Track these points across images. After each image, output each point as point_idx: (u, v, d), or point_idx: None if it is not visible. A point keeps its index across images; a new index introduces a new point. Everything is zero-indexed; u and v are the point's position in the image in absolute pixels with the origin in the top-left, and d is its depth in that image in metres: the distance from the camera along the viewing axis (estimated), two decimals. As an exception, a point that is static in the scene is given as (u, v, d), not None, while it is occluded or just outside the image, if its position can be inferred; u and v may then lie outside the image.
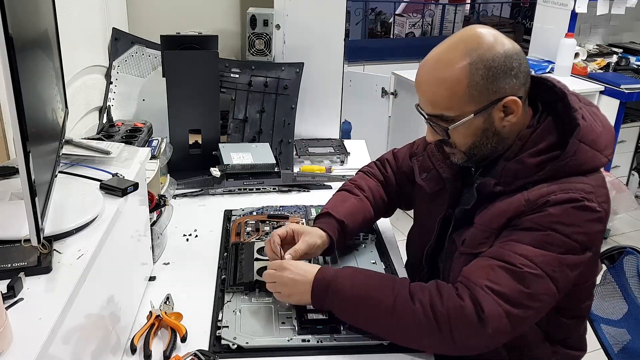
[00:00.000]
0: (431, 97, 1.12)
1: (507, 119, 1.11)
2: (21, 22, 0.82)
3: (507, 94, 1.09)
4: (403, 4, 5.71)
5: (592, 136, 1.10)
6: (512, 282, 1.04)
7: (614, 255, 1.41)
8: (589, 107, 1.16)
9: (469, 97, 1.08)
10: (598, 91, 3.34)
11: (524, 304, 1.04)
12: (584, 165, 1.10)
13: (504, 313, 1.03)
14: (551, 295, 1.06)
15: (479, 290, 1.04)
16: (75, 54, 1.72)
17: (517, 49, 1.10)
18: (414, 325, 1.06)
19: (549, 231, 1.06)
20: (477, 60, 1.06)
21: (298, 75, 2.11)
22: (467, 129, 1.12)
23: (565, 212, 1.06)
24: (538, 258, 1.05)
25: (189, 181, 1.85)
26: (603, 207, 1.09)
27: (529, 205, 1.08)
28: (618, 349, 1.39)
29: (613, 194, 3.17)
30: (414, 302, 1.07)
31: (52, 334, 0.75)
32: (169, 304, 1.24)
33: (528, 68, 1.12)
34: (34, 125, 0.82)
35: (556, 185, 1.08)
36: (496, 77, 1.07)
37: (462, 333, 1.04)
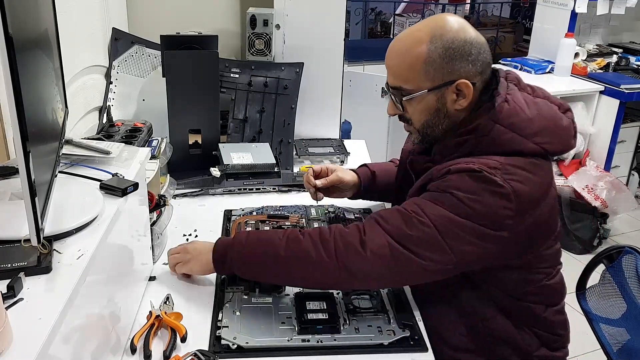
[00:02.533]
0: (393, 69, 1.20)
1: (459, 102, 1.17)
2: (21, 22, 0.82)
3: (462, 77, 1.15)
4: (403, 4, 5.72)
5: (512, 119, 1.14)
6: (398, 221, 1.11)
7: (612, 255, 1.41)
8: (534, 97, 1.19)
9: (425, 73, 1.15)
10: (598, 91, 3.34)
11: (406, 245, 1.09)
12: (500, 147, 1.13)
13: (386, 242, 1.10)
14: (438, 247, 1.09)
15: (369, 220, 1.15)
16: (75, 54, 1.72)
17: (481, 40, 1.17)
18: (304, 257, 1.13)
19: (445, 193, 1.12)
20: (437, 39, 1.14)
21: (298, 75, 2.11)
22: (421, 104, 1.19)
23: (461, 178, 1.11)
24: (428, 209, 1.11)
25: (189, 181, 1.85)
26: (512, 185, 1.09)
27: (436, 173, 1.16)
28: (617, 349, 1.39)
29: (613, 194, 3.17)
30: (303, 235, 1.15)
31: (52, 334, 0.75)
32: (169, 304, 1.24)
33: (489, 60, 1.18)
34: (34, 125, 0.82)
35: (462, 160, 1.14)
36: (453, 59, 1.13)
37: (346, 255, 1.10)
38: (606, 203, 3.18)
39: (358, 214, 1.64)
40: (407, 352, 1.14)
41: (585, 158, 3.38)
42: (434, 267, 1.11)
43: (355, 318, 1.20)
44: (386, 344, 1.14)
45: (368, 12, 5.54)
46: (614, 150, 3.37)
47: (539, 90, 1.23)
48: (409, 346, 1.15)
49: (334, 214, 1.63)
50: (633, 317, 1.34)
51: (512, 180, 1.09)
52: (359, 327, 1.18)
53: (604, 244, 3.23)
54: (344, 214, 1.62)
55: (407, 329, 1.18)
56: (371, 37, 5.69)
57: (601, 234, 3.23)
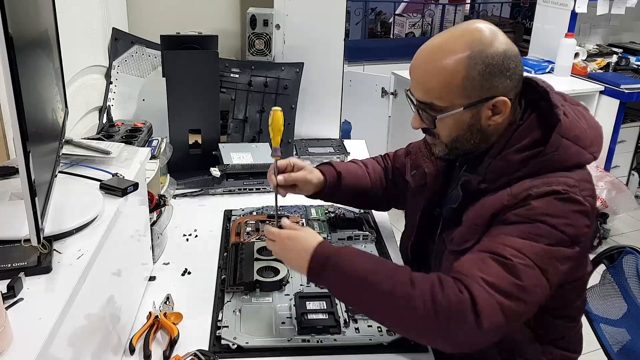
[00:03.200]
0: (425, 84, 1.12)
1: (494, 118, 1.12)
2: (21, 22, 0.82)
3: (499, 94, 1.09)
4: (403, 4, 5.72)
5: (575, 132, 1.10)
6: (504, 274, 1.01)
7: (613, 255, 1.41)
8: (574, 106, 1.17)
9: (463, 90, 1.08)
10: (598, 91, 3.34)
11: (517, 296, 1.01)
12: (567, 161, 1.10)
13: (498, 305, 0.99)
14: (543, 287, 1.04)
15: (473, 283, 1.01)
16: (75, 54, 1.72)
17: (516, 50, 1.11)
18: (411, 311, 1.02)
19: (535, 223, 1.04)
20: (477, 54, 1.06)
21: (298, 75, 2.11)
22: (454, 121, 1.12)
23: (549, 203, 1.05)
24: (527, 249, 1.03)
25: (189, 181, 1.85)
26: (588, 201, 1.07)
27: (512, 199, 1.08)
28: (617, 349, 1.39)
29: (613, 194, 3.17)
30: (414, 288, 1.02)
31: (52, 334, 0.75)
32: (169, 304, 1.24)
33: (522, 72, 1.13)
34: (34, 125, 0.82)
35: (539, 180, 1.08)
36: (492, 75, 1.07)
37: (458, 325, 0.99)
38: (606, 203, 3.18)
39: (358, 213, 1.64)
40: (407, 352, 1.14)
41: (585, 158, 3.38)
42: (535, 307, 1.05)
43: (355, 318, 1.20)
44: (386, 344, 1.14)
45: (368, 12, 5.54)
46: (614, 150, 3.37)
47: (569, 97, 1.19)
48: (409, 346, 1.15)
49: (334, 214, 1.63)
50: (633, 318, 1.34)
51: (588, 196, 1.08)
52: (359, 327, 1.18)
53: (604, 244, 3.23)
54: (344, 214, 1.62)
55: (407, 329, 1.17)
56: (371, 37, 5.69)
57: (601, 234, 3.24)
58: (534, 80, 1.18)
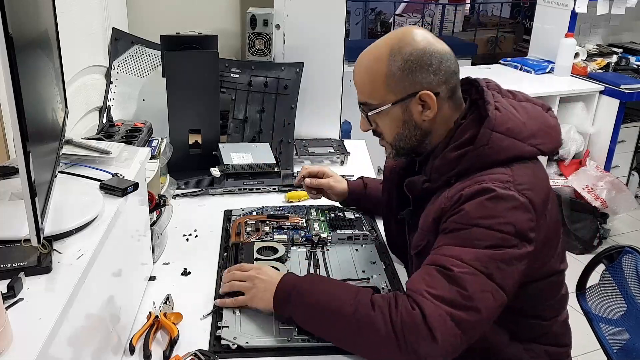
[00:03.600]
0: (358, 85, 1.20)
1: (426, 113, 1.16)
2: (21, 22, 0.82)
3: (424, 88, 1.14)
4: (403, 4, 5.72)
5: (507, 125, 1.12)
6: (448, 285, 1.03)
7: (612, 255, 1.41)
8: (518, 101, 1.19)
9: (387, 86, 1.15)
10: (598, 91, 3.34)
11: (465, 304, 1.01)
12: (501, 154, 1.11)
13: (448, 316, 1.00)
14: (493, 292, 1.03)
15: (421, 297, 1.03)
16: (75, 54, 1.72)
17: (443, 49, 1.15)
18: (373, 333, 1.03)
19: (471, 228, 1.06)
20: (396, 53, 1.13)
21: (298, 75, 2.11)
22: (389, 118, 1.19)
23: (480, 205, 1.06)
24: (467, 256, 1.04)
25: (189, 181, 1.85)
26: (525, 195, 1.07)
27: (448, 202, 1.10)
28: (617, 349, 1.38)
29: (613, 194, 3.17)
30: (374, 310, 1.05)
31: (52, 334, 0.75)
32: (169, 304, 1.24)
33: (453, 69, 1.16)
34: (34, 125, 0.82)
35: (470, 180, 1.10)
36: (412, 71, 1.13)
37: (416, 342, 1.01)
38: (606, 203, 3.18)
39: (358, 213, 1.64)
40: (407, 352, 1.13)
41: (585, 158, 3.39)
42: (492, 313, 1.05)
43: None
44: (386, 344, 1.14)
45: (368, 12, 5.54)
46: (614, 150, 3.37)
47: (519, 94, 1.23)
48: (409, 346, 1.14)
49: (334, 214, 1.63)
50: (633, 317, 1.34)
51: (524, 190, 1.07)
52: (359, 327, 1.18)
53: (604, 244, 3.23)
54: (344, 214, 1.62)
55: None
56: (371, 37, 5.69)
57: (601, 234, 3.24)
58: (476, 80, 1.23)
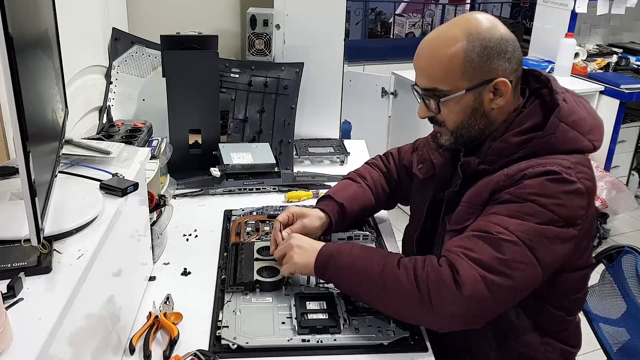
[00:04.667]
0: (427, 70, 1.17)
1: (496, 101, 1.16)
2: (21, 22, 0.82)
3: (499, 76, 1.13)
4: (403, 4, 5.72)
5: (573, 117, 1.14)
6: (487, 248, 1.06)
7: (612, 255, 1.41)
8: (574, 96, 1.21)
9: (463, 72, 1.13)
10: (598, 91, 3.34)
11: (500, 270, 1.04)
12: (565, 145, 1.13)
13: (480, 277, 1.04)
14: (530, 264, 1.06)
15: (455, 256, 1.07)
16: (75, 54, 1.72)
17: (513, 37, 1.15)
18: (397, 289, 1.09)
19: (525, 202, 1.08)
20: (474, 38, 1.12)
21: (298, 75, 2.11)
22: (458, 105, 1.16)
23: (541, 183, 1.08)
24: (514, 226, 1.06)
25: (189, 181, 1.85)
26: (584, 184, 1.10)
27: (508, 179, 1.12)
28: (617, 348, 1.39)
29: (613, 194, 3.17)
30: (399, 267, 1.11)
31: (52, 334, 0.75)
32: (169, 304, 1.24)
33: (521, 57, 1.17)
34: (34, 125, 0.82)
35: (534, 161, 1.11)
36: (490, 57, 1.12)
37: (440, 296, 1.05)
38: (606, 203, 3.18)
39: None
40: (407, 352, 1.14)
41: (585, 158, 3.38)
42: (524, 285, 1.07)
43: (355, 318, 1.20)
44: (386, 344, 1.14)
45: (368, 12, 5.54)
46: (614, 150, 3.38)
47: (571, 91, 1.23)
48: (409, 346, 1.15)
49: None
50: (633, 317, 1.34)
51: (584, 179, 1.10)
52: (359, 327, 1.18)
53: (604, 244, 3.23)
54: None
55: (407, 329, 1.17)
56: (371, 37, 5.70)
57: (601, 234, 3.24)
58: (538, 71, 1.23)
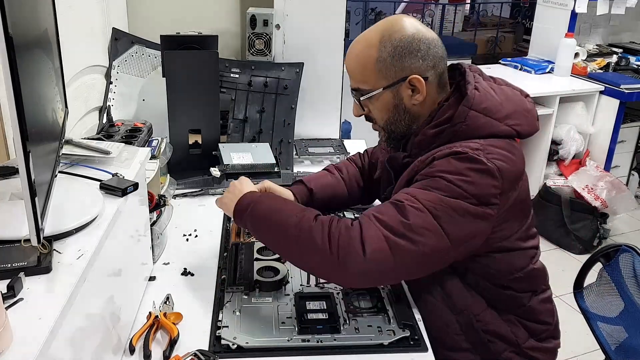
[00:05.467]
0: (350, 71, 1.25)
1: (415, 97, 1.21)
2: (21, 22, 0.82)
3: (413, 73, 1.19)
4: (403, 4, 5.72)
5: (485, 104, 1.18)
6: (393, 212, 1.12)
7: (609, 253, 1.41)
8: (498, 84, 1.25)
9: (378, 72, 1.20)
10: (598, 91, 3.34)
11: (403, 233, 1.09)
12: (477, 131, 1.17)
13: (383, 237, 1.09)
14: (434, 232, 1.10)
15: (365, 218, 1.14)
16: (75, 54, 1.72)
17: (431, 36, 1.21)
18: (310, 243, 1.12)
19: (434, 178, 1.14)
20: (386, 40, 1.19)
21: (298, 75, 2.11)
22: (379, 103, 1.23)
23: (447, 162, 1.14)
24: (421, 196, 1.12)
25: (189, 181, 1.85)
26: (495, 163, 1.12)
27: (421, 164, 1.18)
28: (615, 347, 1.39)
29: (613, 194, 3.17)
30: (315, 220, 1.15)
31: (52, 334, 0.75)
32: (169, 304, 1.24)
33: (441, 54, 1.21)
34: (34, 125, 0.82)
35: (445, 146, 1.17)
36: (402, 56, 1.18)
37: (347, 254, 1.09)
38: (606, 203, 3.18)
39: (358, 213, 1.64)
40: (407, 352, 1.14)
41: (585, 158, 3.39)
42: (429, 253, 1.11)
43: (355, 318, 1.20)
44: (386, 344, 1.14)
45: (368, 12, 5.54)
46: (614, 150, 3.38)
47: (499, 79, 1.29)
48: (409, 346, 1.15)
49: (333, 214, 1.63)
50: (630, 315, 1.34)
51: (494, 159, 1.13)
52: (359, 327, 1.18)
53: (603, 244, 3.23)
54: (344, 214, 1.62)
55: (407, 329, 1.18)
56: (371, 37, 5.68)
57: (601, 234, 3.24)
58: (460, 64, 1.28)
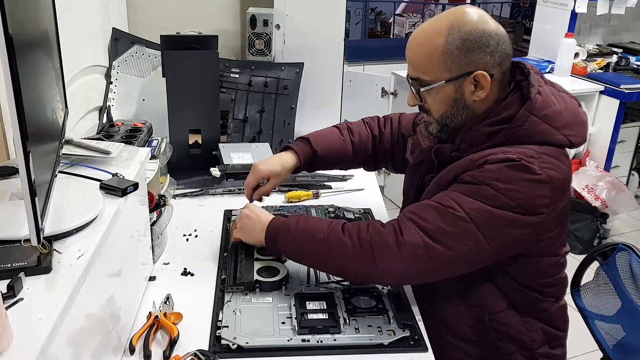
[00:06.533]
0: (412, 60, 1.21)
1: (477, 93, 1.18)
2: (21, 22, 0.82)
3: (480, 68, 1.15)
4: (403, 4, 5.73)
5: (545, 111, 1.16)
6: (435, 217, 1.11)
7: (606, 252, 1.41)
8: (557, 91, 1.22)
9: (443, 64, 1.16)
10: (598, 91, 3.34)
11: (443, 240, 1.10)
12: (534, 137, 1.15)
13: (422, 242, 1.10)
14: (476, 241, 1.10)
15: (404, 219, 1.14)
16: (75, 54, 1.72)
17: (501, 32, 1.17)
18: (341, 250, 1.15)
19: (483, 185, 1.11)
20: (455, 31, 1.14)
21: (298, 75, 2.11)
22: (439, 95, 1.20)
23: (500, 169, 1.11)
24: (466, 203, 1.11)
25: (189, 181, 1.85)
26: (547, 173, 1.11)
27: (471, 163, 1.16)
28: (613, 345, 1.39)
29: (613, 194, 3.17)
30: (344, 232, 1.17)
31: (52, 334, 0.75)
32: (169, 304, 1.24)
33: (508, 52, 1.18)
34: (34, 125, 0.82)
35: (499, 149, 1.15)
36: (470, 50, 1.14)
37: (381, 256, 1.11)
38: (606, 203, 3.18)
39: (358, 213, 1.64)
40: (407, 352, 1.14)
41: (585, 158, 3.39)
42: (467, 259, 1.12)
43: (355, 318, 1.20)
44: (386, 344, 1.14)
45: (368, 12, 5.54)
46: (614, 150, 3.38)
47: (557, 85, 1.26)
48: (409, 346, 1.15)
49: (334, 213, 1.63)
50: (628, 314, 1.34)
51: (548, 168, 1.11)
52: (359, 327, 1.18)
53: (603, 244, 3.23)
54: (344, 214, 1.62)
55: (407, 329, 1.18)
56: (371, 37, 5.70)
57: (601, 234, 3.24)
58: (522, 63, 1.24)
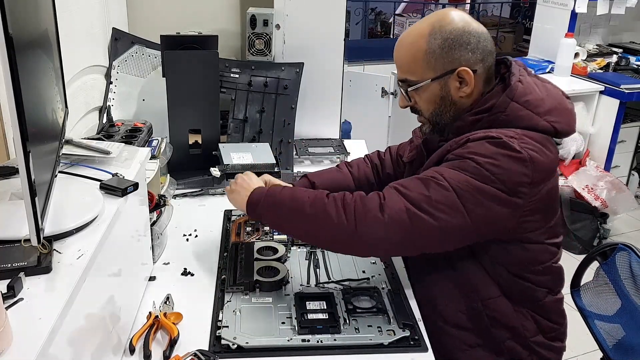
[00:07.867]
0: (399, 62, 1.26)
1: (463, 89, 1.22)
2: (21, 22, 0.82)
3: (462, 65, 1.19)
4: (403, 4, 5.72)
5: (527, 97, 1.19)
6: (418, 186, 1.14)
7: (606, 252, 1.41)
8: (541, 81, 1.26)
9: (427, 63, 1.21)
10: (598, 91, 3.34)
11: (426, 208, 1.11)
12: (516, 122, 1.18)
13: (404, 207, 1.12)
14: (456, 211, 1.11)
15: (388, 188, 1.17)
16: (75, 54, 1.72)
17: (482, 30, 1.21)
18: (325, 219, 1.15)
19: (464, 159, 1.15)
20: (437, 31, 1.19)
21: (298, 75, 2.11)
22: (427, 94, 1.24)
23: (480, 144, 1.15)
24: (448, 174, 1.14)
25: (189, 181, 1.85)
26: (528, 152, 1.13)
27: (454, 144, 1.19)
28: (612, 345, 1.39)
29: (613, 194, 3.17)
30: (328, 198, 1.18)
31: (52, 334, 0.75)
32: (169, 304, 1.24)
33: (490, 48, 1.22)
34: (34, 125, 0.82)
35: (480, 130, 1.18)
36: (452, 48, 1.19)
37: (364, 221, 1.12)
38: (606, 203, 3.18)
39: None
40: (407, 352, 1.14)
41: (585, 158, 3.38)
42: (449, 230, 1.13)
43: (355, 318, 1.20)
44: (386, 344, 1.14)
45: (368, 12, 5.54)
46: (614, 150, 3.37)
47: (542, 77, 1.29)
48: (409, 346, 1.15)
49: None
50: (628, 314, 1.34)
51: (528, 148, 1.13)
52: (359, 327, 1.18)
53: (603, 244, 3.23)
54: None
55: (407, 329, 1.18)
56: (371, 37, 5.69)
57: (601, 234, 3.24)
58: (507, 58, 1.29)
